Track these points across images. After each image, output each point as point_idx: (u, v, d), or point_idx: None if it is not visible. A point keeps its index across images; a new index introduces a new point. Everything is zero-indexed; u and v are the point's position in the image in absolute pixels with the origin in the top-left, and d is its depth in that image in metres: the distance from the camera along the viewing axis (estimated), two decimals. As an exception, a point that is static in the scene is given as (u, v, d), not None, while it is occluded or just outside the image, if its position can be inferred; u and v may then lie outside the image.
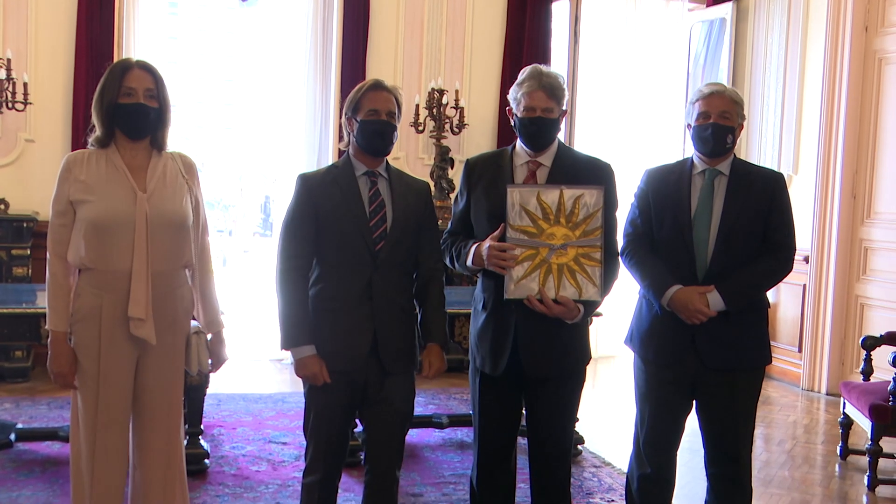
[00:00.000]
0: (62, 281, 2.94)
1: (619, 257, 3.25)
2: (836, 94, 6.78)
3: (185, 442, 4.35)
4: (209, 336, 3.17)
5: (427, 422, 5.23)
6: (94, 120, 2.96)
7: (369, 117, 3.04)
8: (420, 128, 7.12)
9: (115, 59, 4.71)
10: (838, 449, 5.21)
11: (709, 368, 3.20)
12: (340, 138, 3.22)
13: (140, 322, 2.90)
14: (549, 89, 3.06)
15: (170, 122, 3.04)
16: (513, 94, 3.12)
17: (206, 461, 4.51)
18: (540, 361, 3.09)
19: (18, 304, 4.51)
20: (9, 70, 6.14)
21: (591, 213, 3.01)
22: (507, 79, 7.36)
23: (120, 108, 2.92)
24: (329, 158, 6.97)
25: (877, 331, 5.58)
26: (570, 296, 3.01)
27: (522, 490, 3.61)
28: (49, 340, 2.95)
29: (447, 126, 7.16)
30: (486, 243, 3.03)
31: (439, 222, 3.41)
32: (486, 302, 3.16)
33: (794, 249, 3.28)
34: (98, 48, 6.47)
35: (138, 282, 2.89)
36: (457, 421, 5.27)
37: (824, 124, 6.84)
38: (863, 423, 4.84)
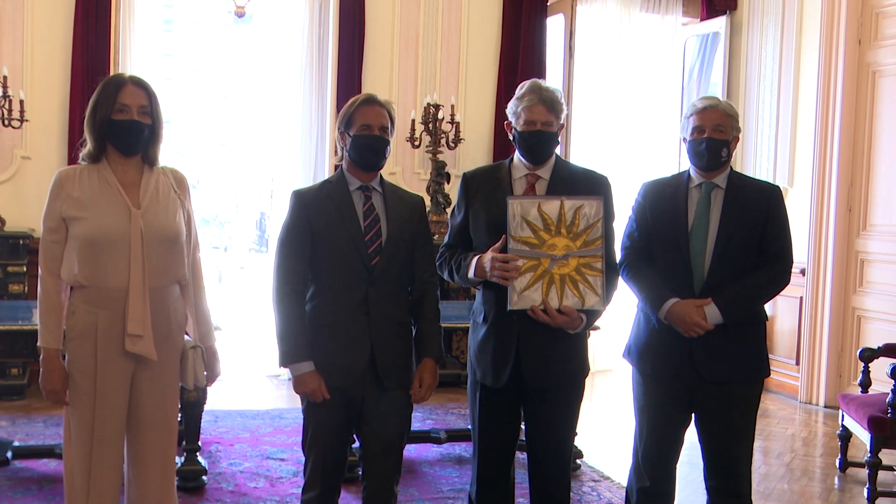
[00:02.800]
0: (55, 298, 2.93)
1: (618, 268, 3.26)
2: (831, 107, 6.80)
3: (183, 458, 4.37)
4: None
5: (425, 437, 5.21)
6: (87, 135, 2.95)
7: (362, 132, 3.04)
8: (416, 143, 7.13)
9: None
10: (837, 461, 5.20)
11: (707, 382, 3.20)
12: (337, 154, 3.22)
13: (137, 338, 2.89)
14: (549, 103, 3.08)
15: (162, 137, 3.03)
16: (512, 107, 3.14)
17: (204, 478, 4.49)
18: (542, 372, 3.09)
19: (14, 321, 4.49)
20: (5, 87, 6.14)
21: (591, 223, 3.02)
22: (503, 93, 7.38)
23: (113, 124, 2.91)
24: (325, 174, 6.97)
25: (874, 343, 5.58)
26: (572, 305, 3.02)
27: (521, 505, 3.61)
28: (41, 358, 2.93)
29: (443, 141, 7.16)
30: (488, 255, 3.03)
31: (436, 237, 3.42)
32: (486, 314, 3.16)
33: (791, 262, 3.29)
34: (94, 65, 6.47)
35: (135, 298, 2.88)
36: (455, 436, 5.26)
37: (819, 137, 6.86)
38: (862, 436, 4.83)
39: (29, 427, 5.45)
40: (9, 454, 4.61)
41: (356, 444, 3.21)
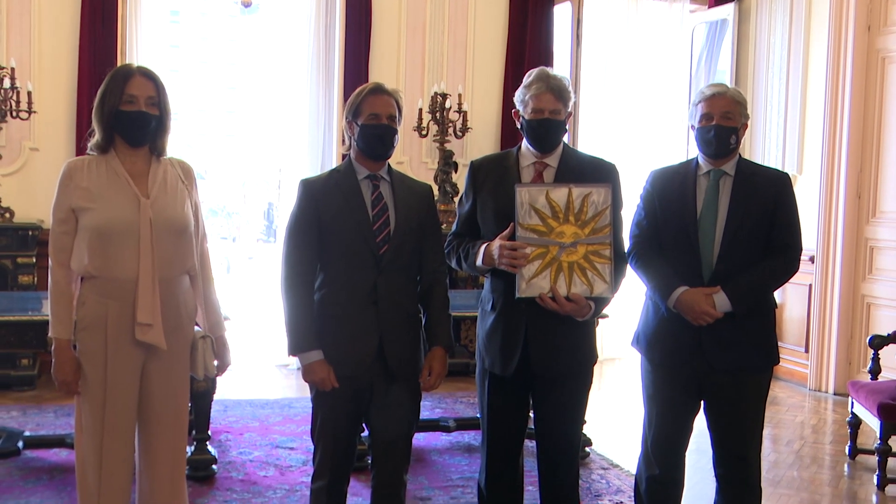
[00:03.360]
0: (65, 289, 2.93)
1: (626, 256, 3.25)
2: (840, 94, 6.77)
3: (193, 448, 4.39)
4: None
5: (434, 425, 5.23)
6: (95, 125, 2.95)
7: (370, 121, 3.04)
8: (423, 132, 7.12)
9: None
10: (847, 448, 5.20)
11: (716, 370, 3.19)
12: (344, 143, 3.22)
13: (147, 328, 2.89)
14: (557, 91, 3.07)
15: (170, 128, 3.03)
16: (520, 96, 3.13)
17: (214, 467, 4.52)
18: (550, 360, 3.09)
19: (24, 311, 4.52)
20: (13, 79, 6.15)
21: (599, 210, 3.02)
22: (510, 82, 7.37)
23: (121, 115, 2.91)
24: (333, 163, 6.96)
25: (884, 330, 5.56)
26: (581, 293, 3.02)
27: (531, 493, 3.60)
28: (53, 348, 2.94)
29: (450, 130, 7.16)
30: (497, 243, 3.03)
31: (444, 226, 3.41)
32: (494, 302, 3.16)
33: (801, 250, 3.27)
34: (101, 57, 6.48)
35: (145, 288, 2.89)
36: (464, 424, 5.27)
37: (828, 124, 6.83)
38: (871, 423, 4.82)
39: (40, 417, 5.48)
40: (20, 444, 4.63)
41: (365, 433, 3.21)
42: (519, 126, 3.16)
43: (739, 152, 3.31)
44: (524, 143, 3.19)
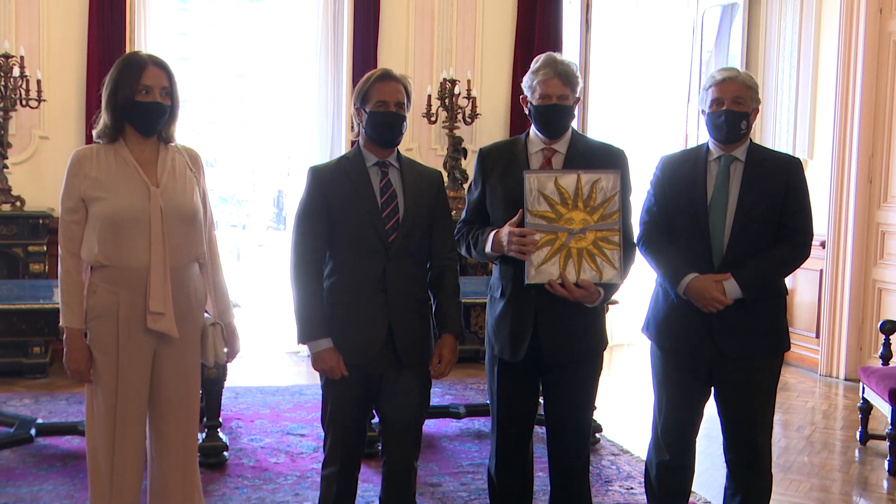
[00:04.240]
0: (76, 277, 2.94)
1: (636, 243, 3.24)
2: (851, 78, 6.73)
3: (204, 435, 4.40)
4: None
5: (444, 412, 5.23)
6: (104, 114, 2.93)
7: (378, 108, 3.02)
8: (432, 118, 7.11)
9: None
10: (858, 434, 5.19)
11: (726, 356, 3.18)
12: (353, 130, 3.20)
13: (159, 316, 2.90)
14: (565, 76, 3.06)
15: (178, 116, 3.03)
16: (527, 81, 3.12)
17: (225, 454, 4.53)
18: (559, 346, 3.09)
19: (36, 300, 4.54)
20: (22, 67, 6.17)
21: (608, 197, 3.01)
22: (519, 68, 7.34)
23: (137, 105, 2.89)
24: (341, 150, 6.95)
25: (895, 315, 5.53)
26: (590, 279, 3.01)
27: (541, 478, 3.61)
28: (64, 338, 2.95)
29: (459, 116, 7.15)
30: (505, 230, 3.03)
31: (454, 213, 3.40)
32: (504, 289, 3.16)
33: (812, 235, 3.24)
34: (110, 45, 6.49)
35: (156, 276, 2.89)
36: (474, 411, 5.27)
37: (839, 108, 6.79)
38: (882, 408, 4.81)
39: (52, 405, 5.51)
40: (32, 431, 4.66)
41: (376, 420, 3.22)
42: (527, 112, 3.16)
43: (750, 137, 3.29)
44: (532, 130, 3.18)
